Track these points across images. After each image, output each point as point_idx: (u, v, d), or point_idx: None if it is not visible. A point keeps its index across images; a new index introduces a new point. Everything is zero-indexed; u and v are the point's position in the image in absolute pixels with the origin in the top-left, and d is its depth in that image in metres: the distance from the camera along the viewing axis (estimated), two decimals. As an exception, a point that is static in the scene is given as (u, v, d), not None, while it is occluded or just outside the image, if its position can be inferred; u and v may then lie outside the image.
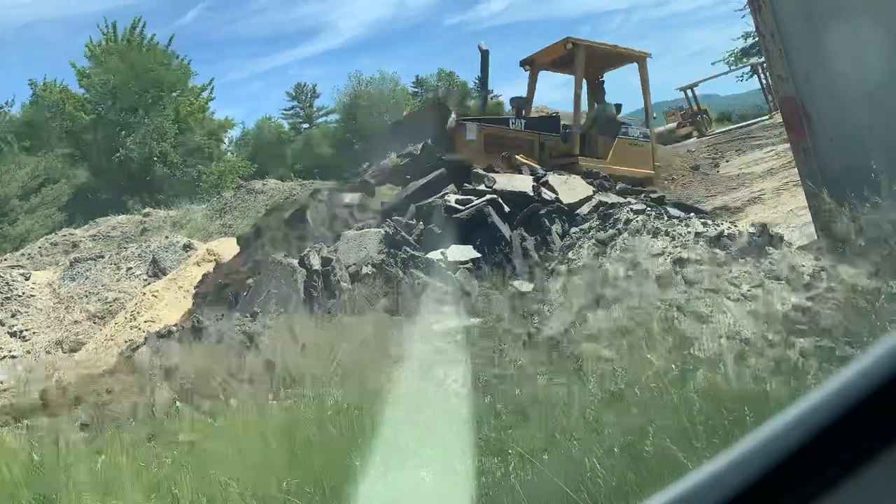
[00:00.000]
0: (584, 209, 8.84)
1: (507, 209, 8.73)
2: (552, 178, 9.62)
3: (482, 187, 9.05)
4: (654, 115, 14.68)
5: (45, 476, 4.16)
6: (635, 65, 13.01)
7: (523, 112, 13.11)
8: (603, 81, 13.38)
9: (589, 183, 9.82)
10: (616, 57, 13.17)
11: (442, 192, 9.33)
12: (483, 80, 13.93)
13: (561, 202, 8.93)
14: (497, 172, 9.74)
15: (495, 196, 8.81)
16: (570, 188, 9.40)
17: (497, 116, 13.41)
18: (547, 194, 9.05)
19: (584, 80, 12.67)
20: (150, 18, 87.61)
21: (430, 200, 9.23)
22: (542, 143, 12.07)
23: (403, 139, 11.38)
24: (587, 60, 12.28)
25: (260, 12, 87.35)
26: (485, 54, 13.24)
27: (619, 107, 13.19)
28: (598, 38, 13.28)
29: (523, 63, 13.38)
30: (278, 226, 10.27)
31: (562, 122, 12.95)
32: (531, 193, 9.02)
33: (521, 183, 9.40)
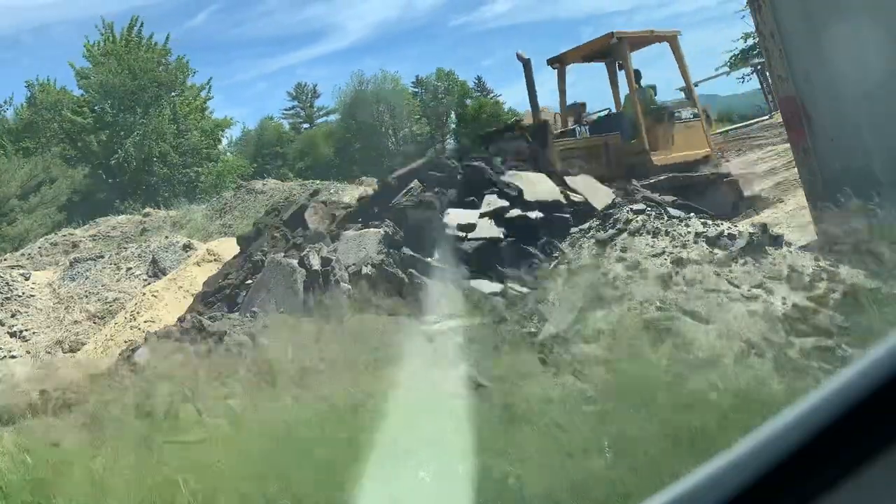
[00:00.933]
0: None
1: (511, 234, 7.74)
2: (570, 180, 8.68)
3: (489, 205, 8.24)
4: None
5: (42, 477, 4.16)
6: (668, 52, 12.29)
7: (582, 117, 12.40)
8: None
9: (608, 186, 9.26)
10: (650, 39, 12.60)
11: (415, 190, 8.67)
12: (531, 94, 12.60)
13: (591, 204, 8.23)
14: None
15: (513, 219, 7.84)
16: (592, 190, 8.50)
17: (565, 129, 12.36)
18: (575, 197, 8.25)
19: (616, 67, 12.22)
20: (162, 20, 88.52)
21: (399, 201, 8.68)
22: (607, 146, 11.46)
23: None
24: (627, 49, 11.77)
25: (268, 14, 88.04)
26: (527, 64, 12.00)
27: (655, 88, 12.46)
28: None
29: (551, 62, 12.62)
30: (278, 226, 10.27)
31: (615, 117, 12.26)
32: (562, 201, 8.14)
33: (548, 189, 8.47)
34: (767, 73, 11.60)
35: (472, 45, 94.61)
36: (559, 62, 12.63)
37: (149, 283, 12.93)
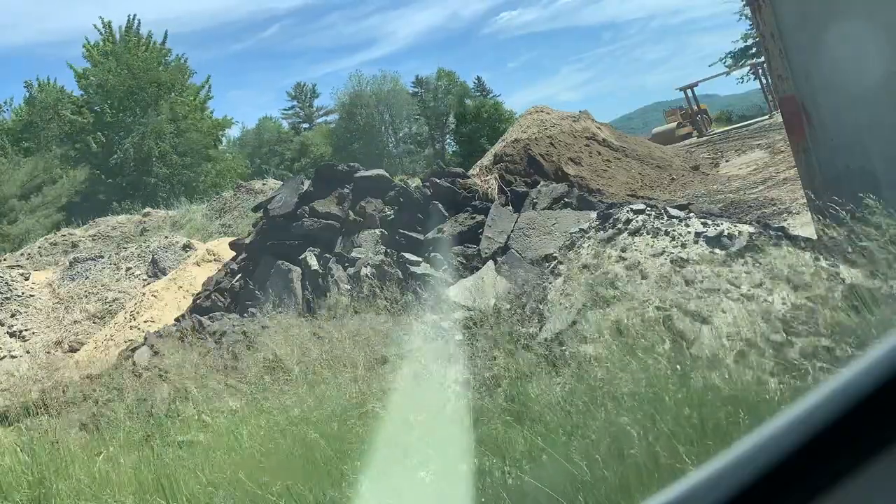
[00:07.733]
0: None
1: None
2: None
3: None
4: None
5: (42, 476, 4.16)
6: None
7: None
8: None
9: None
10: None
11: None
12: None
13: None
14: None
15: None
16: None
17: None
18: None
19: None
20: (238, 34, 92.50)
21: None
22: None
23: None
24: None
25: (330, 27, 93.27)
26: None
27: None
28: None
29: None
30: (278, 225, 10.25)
31: None
32: None
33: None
34: (767, 73, 11.64)
35: (501, 50, 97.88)
36: None
37: (149, 283, 12.92)
